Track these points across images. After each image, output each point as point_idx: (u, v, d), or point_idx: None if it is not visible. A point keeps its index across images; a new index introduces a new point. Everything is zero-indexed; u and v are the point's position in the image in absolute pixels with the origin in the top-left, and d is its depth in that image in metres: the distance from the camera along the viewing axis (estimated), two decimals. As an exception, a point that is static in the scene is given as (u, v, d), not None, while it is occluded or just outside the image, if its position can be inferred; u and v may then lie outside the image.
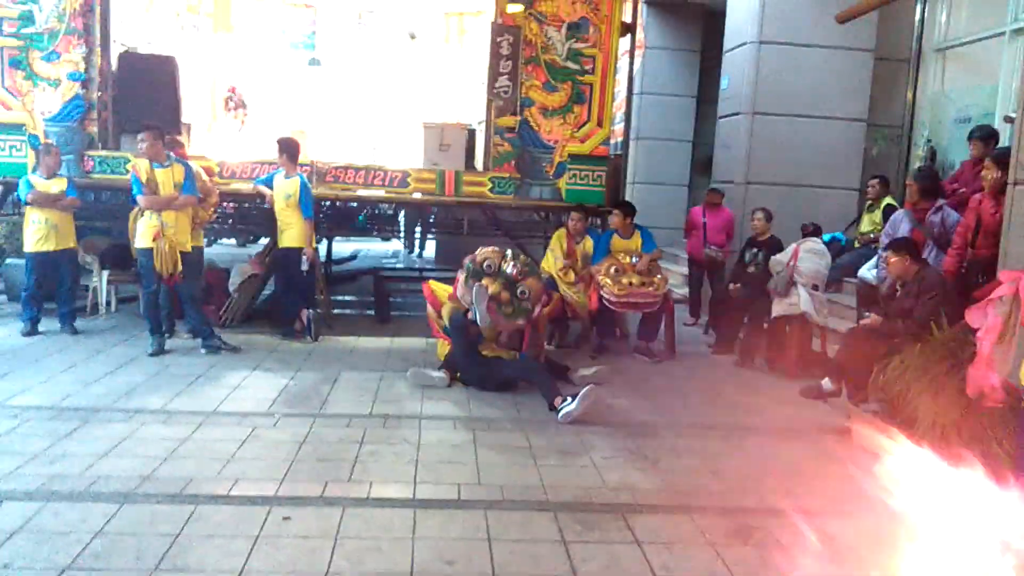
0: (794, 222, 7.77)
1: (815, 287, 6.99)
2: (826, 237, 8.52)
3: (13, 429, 4.68)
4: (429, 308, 6.91)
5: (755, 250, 7.84)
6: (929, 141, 9.56)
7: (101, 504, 3.72)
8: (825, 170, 9.51)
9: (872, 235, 8.12)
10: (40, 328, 7.25)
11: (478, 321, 5.94)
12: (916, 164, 9.60)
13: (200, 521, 3.62)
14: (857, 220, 8.90)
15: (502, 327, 6.14)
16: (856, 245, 8.51)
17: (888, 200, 8.31)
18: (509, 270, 6.13)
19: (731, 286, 7.95)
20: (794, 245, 7.18)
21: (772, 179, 9.46)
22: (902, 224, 6.69)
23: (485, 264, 6.16)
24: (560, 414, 5.32)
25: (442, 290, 6.81)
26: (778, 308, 7.04)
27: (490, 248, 6.35)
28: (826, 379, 5.86)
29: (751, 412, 5.90)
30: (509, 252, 6.29)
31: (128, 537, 3.42)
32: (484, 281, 6.02)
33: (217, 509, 3.76)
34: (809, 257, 7.02)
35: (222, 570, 3.20)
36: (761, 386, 6.69)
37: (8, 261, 8.68)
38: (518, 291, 6.09)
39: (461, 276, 6.23)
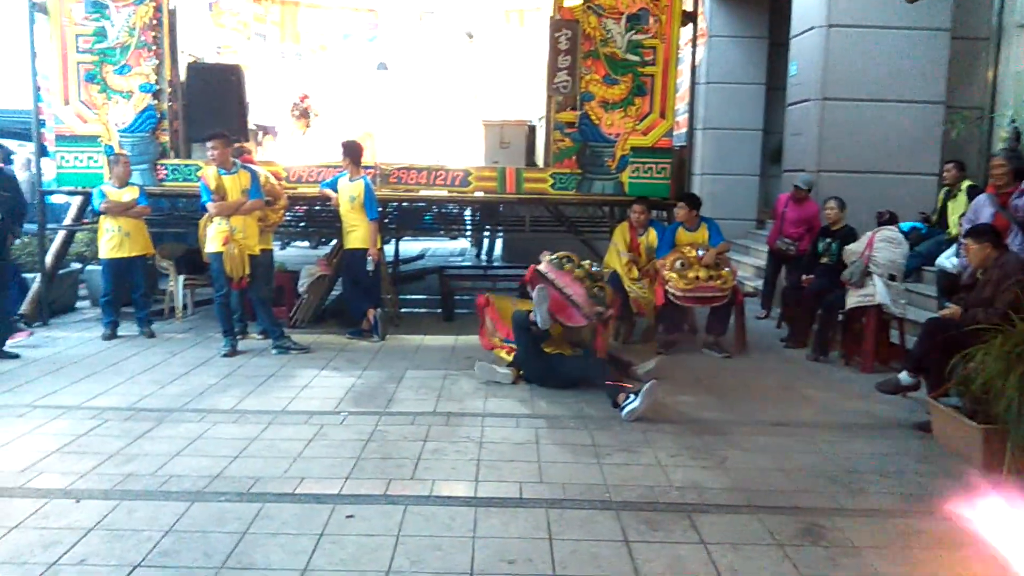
0: (869, 210, 7.50)
1: (892, 277, 6.74)
2: (906, 226, 8.19)
3: (92, 430, 4.86)
4: (488, 322, 6.87)
5: (828, 240, 7.60)
6: (1013, 122, 9.09)
7: (172, 502, 3.83)
8: (901, 156, 9.16)
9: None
10: (120, 332, 7.52)
11: (539, 323, 5.89)
12: (999, 146, 9.14)
13: (266, 519, 3.68)
14: (936, 208, 8.52)
15: (583, 310, 6.01)
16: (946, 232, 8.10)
17: (968, 183, 7.95)
18: (592, 268, 6.14)
19: (803, 277, 7.73)
20: (869, 234, 6.93)
21: (845, 166, 9.17)
22: (984, 209, 6.37)
23: (565, 259, 6.12)
24: (624, 412, 5.24)
25: (500, 303, 6.82)
26: (853, 299, 6.81)
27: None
28: (904, 372, 5.63)
29: (824, 408, 5.73)
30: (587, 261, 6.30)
31: (197, 535, 3.51)
32: (567, 267, 5.99)
33: (283, 507, 3.82)
34: (885, 246, 6.77)
35: (287, 567, 3.24)
36: (835, 380, 6.48)
37: (88, 268, 9.04)
38: (595, 287, 6.02)
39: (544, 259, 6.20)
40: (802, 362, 7.10)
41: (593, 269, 6.09)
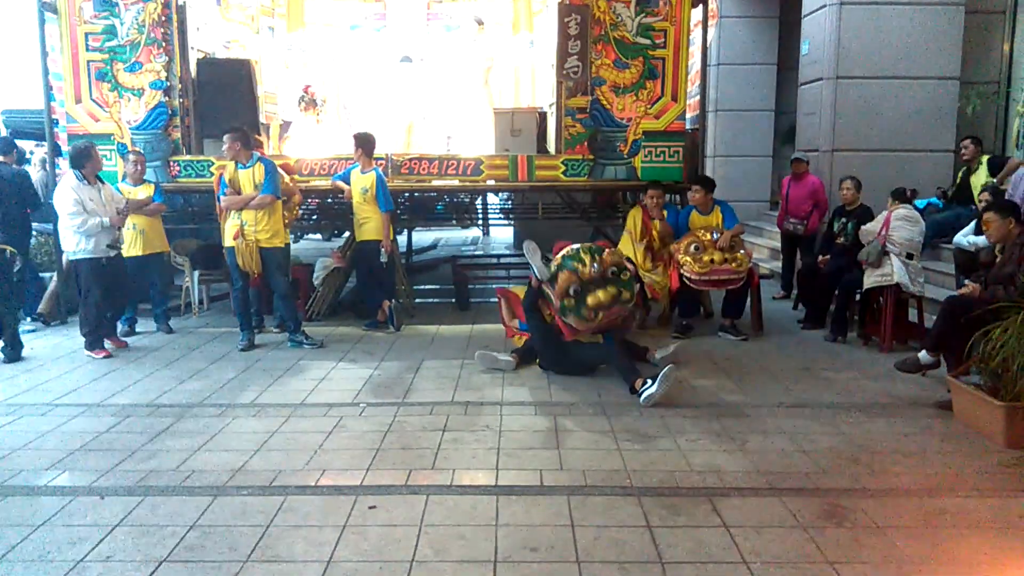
0: (884, 189, 7.43)
1: (909, 256, 6.69)
2: (921, 203, 8.12)
3: (114, 426, 4.89)
4: (503, 308, 6.92)
5: (844, 220, 7.56)
6: (1030, 95, 9.02)
7: (195, 497, 3.85)
8: (917, 133, 9.08)
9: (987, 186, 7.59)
10: (138, 329, 7.57)
11: (537, 275, 5.86)
12: (1015, 121, 9.05)
13: (289, 512, 3.70)
14: (954, 184, 8.43)
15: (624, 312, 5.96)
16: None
17: (987, 156, 7.88)
18: (593, 270, 5.74)
19: (820, 258, 7.68)
20: (885, 213, 6.88)
21: (859, 145, 9.10)
22: (1020, 184, 6.36)
23: (572, 290, 5.72)
24: (642, 397, 5.22)
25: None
26: (871, 279, 6.76)
27: (563, 276, 5.80)
28: (923, 351, 5.58)
29: (844, 388, 5.70)
30: (582, 259, 5.81)
31: (221, 529, 3.53)
32: (590, 300, 5.68)
33: (305, 500, 3.84)
34: (902, 225, 6.71)
35: (311, 559, 3.26)
36: (854, 361, 6.44)
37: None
38: (611, 272, 5.80)
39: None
40: (820, 343, 7.06)
41: (593, 269, 5.74)
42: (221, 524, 3.57)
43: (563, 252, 5.94)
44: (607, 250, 5.96)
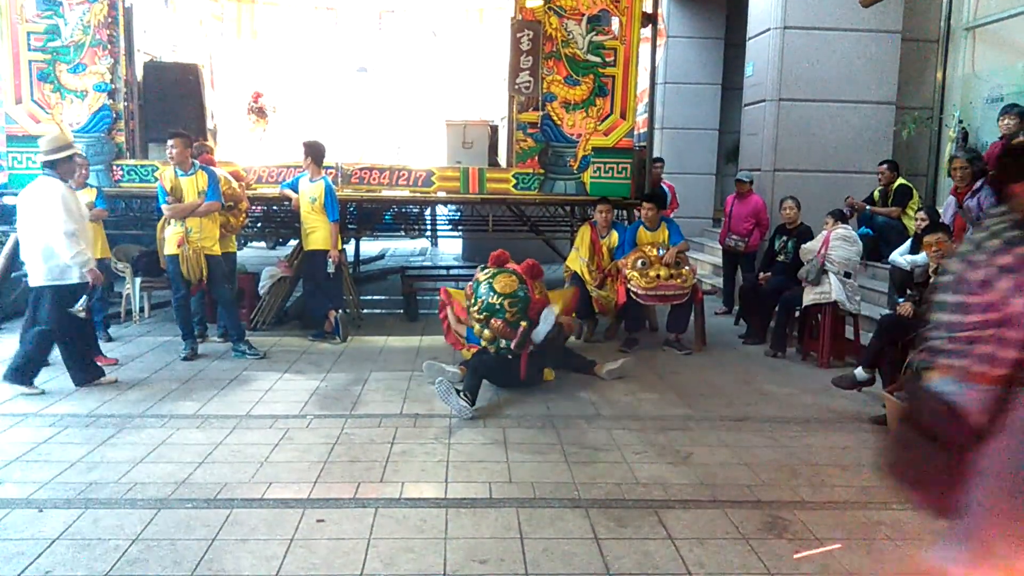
0: (823, 208, 7.67)
1: (847, 275, 6.91)
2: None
3: (52, 437, 4.76)
4: (449, 315, 6.87)
5: (785, 238, 7.77)
6: (961, 122, 9.38)
7: (138, 510, 3.78)
8: (854, 155, 9.37)
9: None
10: (76, 336, 7.37)
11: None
12: (948, 146, 9.42)
13: (235, 525, 3.66)
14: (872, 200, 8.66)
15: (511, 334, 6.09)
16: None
17: (900, 182, 8.21)
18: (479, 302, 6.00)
19: (761, 275, 7.88)
20: (825, 232, 7.10)
21: (800, 165, 9.35)
22: (949, 209, 6.64)
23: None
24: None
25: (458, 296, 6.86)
26: (809, 297, 6.97)
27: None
28: (859, 368, 5.78)
29: (784, 403, 5.85)
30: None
31: (165, 542, 3.47)
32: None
33: (252, 513, 3.80)
34: (841, 244, 6.94)
35: (258, 573, 3.23)
36: (793, 376, 6.62)
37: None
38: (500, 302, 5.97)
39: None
40: (760, 358, 7.24)
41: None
42: (165, 538, 3.51)
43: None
44: (509, 279, 6.01)
